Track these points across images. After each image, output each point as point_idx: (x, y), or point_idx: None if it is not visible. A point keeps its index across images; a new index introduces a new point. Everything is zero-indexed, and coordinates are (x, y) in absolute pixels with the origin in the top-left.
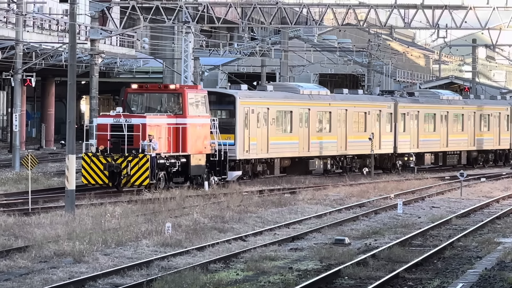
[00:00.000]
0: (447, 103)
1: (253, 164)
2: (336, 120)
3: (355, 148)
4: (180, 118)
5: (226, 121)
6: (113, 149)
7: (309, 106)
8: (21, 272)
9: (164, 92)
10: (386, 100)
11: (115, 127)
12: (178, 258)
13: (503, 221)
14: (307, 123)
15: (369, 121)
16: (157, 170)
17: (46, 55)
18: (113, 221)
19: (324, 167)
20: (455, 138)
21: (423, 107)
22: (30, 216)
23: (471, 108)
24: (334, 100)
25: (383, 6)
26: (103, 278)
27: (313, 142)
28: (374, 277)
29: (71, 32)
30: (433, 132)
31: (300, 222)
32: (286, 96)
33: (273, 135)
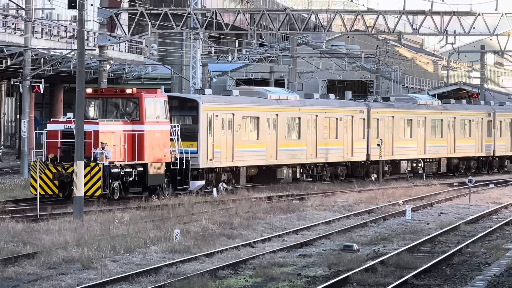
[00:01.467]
0: (424, 108)
1: (217, 173)
2: (305, 127)
3: (325, 155)
4: (137, 125)
5: (188, 127)
6: (64, 157)
7: (277, 112)
8: (30, 279)
9: (120, 97)
10: (359, 105)
11: (66, 134)
12: (186, 264)
13: (511, 227)
14: (275, 129)
15: (341, 127)
16: (110, 180)
17: (55, 61)
18: (122, 227)
19: (293, 176)
20: (433, 145)
21: (399, 112)
22: (39, 222)
23: (451, 113)
24: (303, 105)
25: (391, 12)
26: (112, 285)
27: (281, 149)
28: (382, 284)
29: (79, 38)
30: (409, 139)
31: (308, 228)
32: (253, 101)
33: (239, 142)
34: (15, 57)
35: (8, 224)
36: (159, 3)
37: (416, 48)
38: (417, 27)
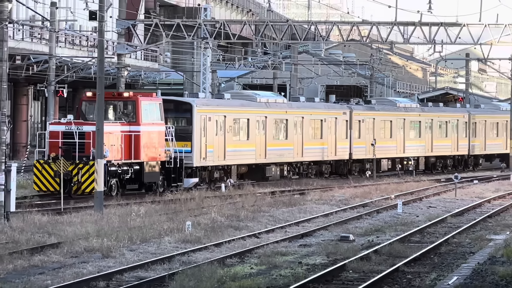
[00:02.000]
0: (403, 110)
1: (210, 171)
2: (292, 128)
3: (311, 154)
4: (133, 126)
5: (183, 128)
6: (65, 156)
7: (265, 114)
8: (54, 266)
9: (118, 100)
10: (342, 108)
11: (67, 135)
12: (197, 253)
13: (494, 219)
14: (264, 130)
15: (325, 128)
16: (108, 177)
17: (77, 68)
18: (138, 219)
19: (280, 174)
20: (412, 145)
21: (379, 114)
22: (62, 215)
23: (428, 115)
24: (290, 108)
25: (384, 23)
26: (129, 272)
27: (269, 149)
28: (376, 271)
29: (99, 47)
30: (389, 139)
31: (308, 220)
32: (243, 104)
33: (230, 143)
34: (41, 64)
35: (35, 217)
36: (172, 15)
37: (407, 56)
38: (407, 37)
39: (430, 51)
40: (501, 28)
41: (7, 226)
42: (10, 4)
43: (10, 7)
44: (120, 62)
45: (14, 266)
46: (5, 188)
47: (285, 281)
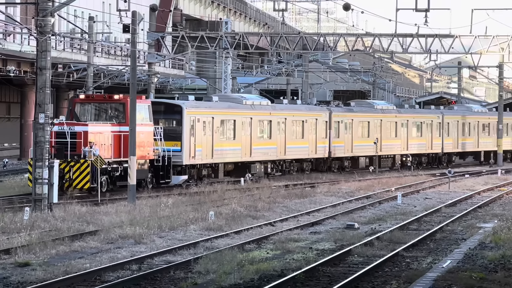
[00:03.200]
0: (380, 112)
1: (199, 168)
2: (276, 128)
3: (293, 153)
4: (123, 126)
5: (173, 129)
6: (57, 155)
7: (251, 115)
8: (92, 251)
9: (108, 102)
10: (322, 110)
11: (59, 135)
12: (219, 240)
13: (483, 209)
14: (249, 130)
15: (307, 128)
16: (98, 175)
17: (112, 75)
18: (167, 210)
19: (265, 171)
20: (388, 143)
21: (357, 116)
22: (99, 206)
23: (404, 116)
24: (274, 109)
25: (385, 35)
26: (159, 256)
27: (254, 148)
28: (378, 255)
29: (132, 57)
30: (367, 138)
31: (318, 210)
32: (230, 106)
33: (218, 142)
34: (80, 72)
35: (75, 208)
36: (196, 28)
37: (405, 64)
38: (406, 47)
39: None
40: (489, 39)
41: (50, 215)
42: (53, 18)
43: (53, 21)
44: (151, 70)
45: (56, 251)
46: (49, 182)
47: (297, 264)
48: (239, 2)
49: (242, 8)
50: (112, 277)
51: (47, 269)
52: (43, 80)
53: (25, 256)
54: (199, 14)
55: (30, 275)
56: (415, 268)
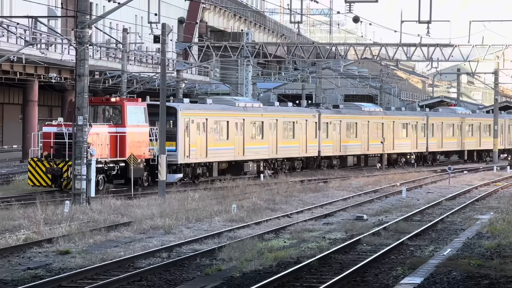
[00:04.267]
0: (368, 114)
1: (193, 167)
2: (268, 129)
3: (284, 152)
4: (120, 127)
5: (169, 130)
6: (56, 154)
7: (243, 117)
8: (126, 241)
9: (106, 104)
10: (312, 112)
11: (58, 135)
12: (241, 230)
13: (480, 203)
14: (242, 131)
15: (297, 129)
16: (96, 173)
17: (144, 81)
18: (193, 203)
19: (257, 169)
20: (376, 143)
21: (345, 117)
22: (133, 199)
23: (391, 118)
24: (266, 111)
25: (391, 44)
26: (186, 245)
27: (247, 147)
28: (385, 244)
29: (162, 64)
30: (355, 138)
31: (330, 203)
32: (223, 108)
33: (211, 142)
34: (115, 79)
35: (110, 201)
36: (220, 38)
37: (409, 71)
38: (410, 55)
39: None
40: (486, 48)
41: (88, 208)
42: (90, 30)
43: (90, 33)
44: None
45: (94, 240)
46: (87, 178)
47: (312, 252)
48: (259, 15)
49: (262, 21)
50: (144, 264)
51: (86, 257)
52: (82, 86)
53: (66, 245)
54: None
55: (70, 262)
56: (419, 255)
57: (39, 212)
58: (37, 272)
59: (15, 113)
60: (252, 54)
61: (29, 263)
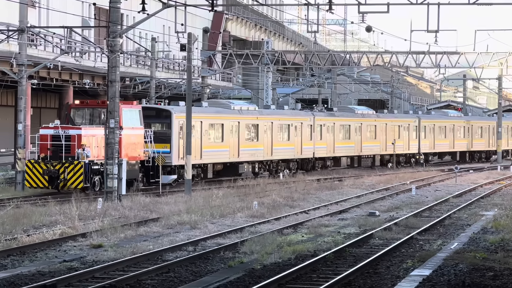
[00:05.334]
0: (361, 116)
1: None
2: (263, 131)
3: (280, 154)
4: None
5: (164, 132)
6: (53, 156)
7: (238, 120)
8: (155, 235)
9: (102, 107)
10: (307, 114)
11: (55, 138)
12: (262, 225)
13: (485, 200)
14: (237, 133)
15: (292, 131)
16: (91, 175)
17: (171, 87)
18: (217, 200)
19: (252, 170)
20: (368, 145)
21: (339, 120)
22: (161, 197)
23: (383, 120)
24: (261, 114)
25: (401, 52)
26: (211, 239)
27: (242, 149)
28: (396, 238)
29: (188, 71)
30: (348, 140)
31: (345, 200)
32: (218, 111)
33: (206, 144)
34: (144, 84)
35: (140, 198)
36: (242, 46)
37: (418, 77)
38: (419, 62)
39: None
40: (490, 55)
41: (119, 205)
42: (121, 39)
43: (121, 42)
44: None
45: (125, 235)
46: (118, 177)
47: (328, 246)
48: (278, 25)
49: (281, 30)
50: (171, 257)
51: (117, 250)
52: (113, 91)
53: (99, 239)
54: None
55: (103, 255)
56: (427, 249)
57: (74, 209)
58: (72, 264)
59: (52, 116)
60: (272, 61)
61: (65, 256)
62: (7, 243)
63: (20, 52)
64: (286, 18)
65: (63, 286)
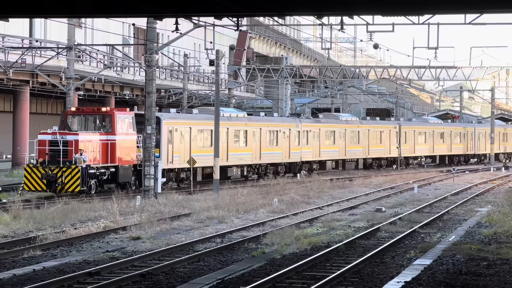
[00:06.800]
0: (345, 123)
1: (177, 172)
2: (251, 137)
3: (268, 158)
4: (110, 135)
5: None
6: (51, 161)
7: (227, 126)
8: (187, 229)
9: (97, 114)
10: (294, 121)
11: (53, 143)
12: (281, 220)
13: (480, 197)
14: (226, 138)
15: (280, 137)
16: (88, 179)
17: (201, 97)
18: (242, 198)
19: (241, 174)
20: (352, 149)
21: (324, 126)
22: (192, 195)
23: (366, 126)
24: (250, 121)
25: (404, 67)
26: (236, 232)
27: (231, 154)
28: (400, 232)
29: (216, 84)
30: (333, 145)
31: (355, 198)
32: (207, 118)
33: (195, 149)
34: (177, 95)
35: (174, 196)
36: (264, 62)
37: (420, 88)
38: (420, 75)
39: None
40: (484, 69)
41: (155, 202)
42: (157, 55)
43: (157, 58)
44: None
45: (160, 228)
46: (154, 177)
47: (340, 238)
48: (295, 43)
49: (298, 47)
50: (201, 248)
51: (154, 242)
52: (150, 101)
53: (137, 232)
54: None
55: (141, 246)
56: (428, 241)
57: (115, 205)
58: (114, 254)
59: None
60: (290, 75)
61: (107, 246)
62: (57, 235)
63: (68, 67)
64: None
65: (106, 273)
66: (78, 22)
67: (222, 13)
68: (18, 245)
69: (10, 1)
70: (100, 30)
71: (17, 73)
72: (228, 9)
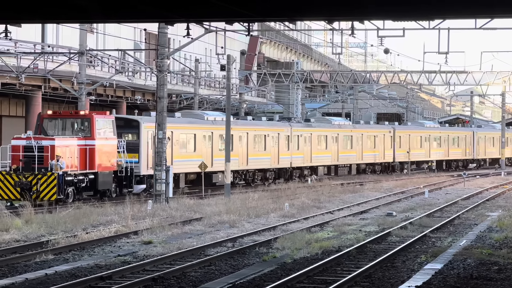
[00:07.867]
0: (337, 127)
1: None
2: (237, 141)
3: (256, 163)
4: (88, 140)
5: (133, 142)
6: (25, 168)
7: (212, 130)
8: (198, 233)
9: (75, 117)
10: (284, 125)
11: (27, 148)
12: (292, 224)
13: (491, 202)
14: (211, 143)
15: (269, 142)
16: (65, 186)
17: (212, 102)
18: (253, 202)
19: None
20: (345, 155)
21: (315, 130)
22: (203, 199)
23: (359, 131)
24: (236, 125)
25: (415, 71)
26: (247, 236)
27: (216, 159)
28: (411, 236)
29: (227, 88)
30: (325, 150)
31: (365, 202)
32: (191, 122)
33: (177, 154)
34: (189, 100)
35: (185, 200)
36: (275, 67)
37: (430, 93)
38: (431, 80)
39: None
40: (494, 74)
41: (167, 206)
42: (168, 60)
43: (168, 63)
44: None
45: (172, 233)
46: (166, 181)
47: (350, 242)
48: (306, 48)
49: (309, 52)
50: (213, 252)
51: (165, 246)
52: (161, 106)
53: (149, 236)
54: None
55: (152, 250)
56: (439, 246)
57: (127, 210)
58: (125, 258)
59: None
60: (301, 80)
61: (119, 251)
62: (69, 240)
63: (80, 72)
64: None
65: (118, 278)
66: (90, 27)
67: (233, 18)
68: (30, 249)
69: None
70: (111, 35)
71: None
72: (239, 14)
